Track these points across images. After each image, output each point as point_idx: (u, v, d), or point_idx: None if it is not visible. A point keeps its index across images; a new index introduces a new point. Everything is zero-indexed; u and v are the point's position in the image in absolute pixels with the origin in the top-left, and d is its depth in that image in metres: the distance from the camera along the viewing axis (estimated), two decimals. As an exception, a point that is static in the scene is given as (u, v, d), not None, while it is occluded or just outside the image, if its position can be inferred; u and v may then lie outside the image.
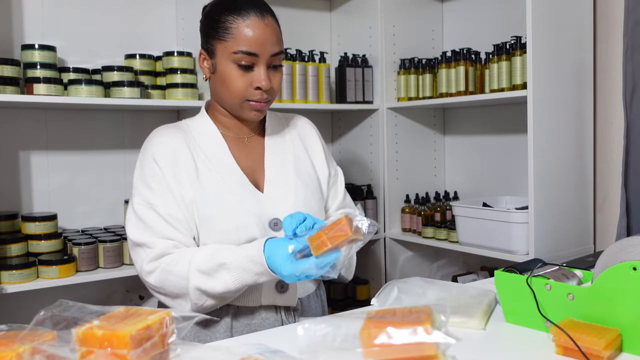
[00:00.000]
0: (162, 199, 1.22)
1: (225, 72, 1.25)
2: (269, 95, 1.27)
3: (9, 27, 2.10)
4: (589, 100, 2.16)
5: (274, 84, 1.27)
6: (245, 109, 1.27)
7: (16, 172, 2.13)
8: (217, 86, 1.29)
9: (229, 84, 1.25)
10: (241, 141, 1.35)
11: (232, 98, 1.26)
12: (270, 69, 1.26)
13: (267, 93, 1.26)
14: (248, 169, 1.31)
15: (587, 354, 0.93)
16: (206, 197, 1.23)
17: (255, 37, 1.22)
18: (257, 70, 1.24)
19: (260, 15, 1.23)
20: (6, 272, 1.84)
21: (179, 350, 0.81)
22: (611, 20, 2.14)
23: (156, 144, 1.28)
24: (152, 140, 1.30)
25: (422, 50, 2.68)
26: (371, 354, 0.85)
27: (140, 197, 1.24)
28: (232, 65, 1.24)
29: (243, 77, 1.24)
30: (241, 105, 1.27)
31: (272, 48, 1.24)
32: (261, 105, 1.26)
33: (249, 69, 1.24)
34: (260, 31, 1.22)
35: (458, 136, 2.74)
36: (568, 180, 2.09)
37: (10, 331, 0.80)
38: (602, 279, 1.01)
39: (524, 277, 1.12)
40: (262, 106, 1.26)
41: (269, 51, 1.24)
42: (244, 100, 1.25)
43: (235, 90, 1.24)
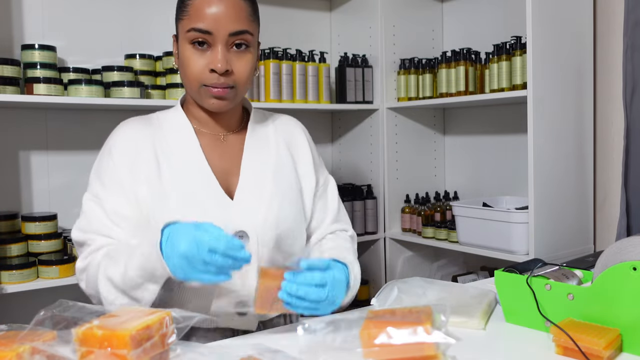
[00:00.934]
0: (111, 194, 1.13)
1: (182, 54, 1.14)
2: (229, 80, 1.12)
3: (9, 27, 2.10)
4: (589, 100, 2.16)
5: (236, 68, 1.12)
6: (203, 96, 1.13)
7: (16, 172, 2.13)
8: (180, 72, 1.17)
9: (185, 66, 1.13)
10: (216, 139, 1.22)
11: (190, 83, 1.14)
12: (232, 50, 1.12)
13: (225, 78, 1.11)
14: (220, 171, 1.18)
15: (587, 354, 0.93)
16: (165, 201, 1.11)
17: (210, 13, 1.09)
18: (213, 50, 1.11)
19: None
20: (6, 272, 1.84)
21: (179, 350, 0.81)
22: (611, 20, 2.14)
23: (117, 138, 1.19)
24: (114, 133, 1.21)
25: (422, 50, 2.68)
26: (371, 354, 0.85)
27: (90, 191, 1.16)
28: (187, 46, 1.12)
29: (199, 59, 1.11)
30: (199, 92, 1.13)
31: (230, 25, 1.10)
32: (219, 91, 1.11)
33: (204, 47, 1.11)
34: (215, 6, 1.09)
35: (458, 136, 2.74)
36: (568, 180, 2.09)
37: (10, 331, 0.80)
38: (602, 279, 1.01)
39: (524, 277, 1.12)
40: (221, 93, 1.12)
41: (227, 29, 1.10)
42: (200, 85, 1.12)
43: (191, 72, 1.12)
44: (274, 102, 2.37)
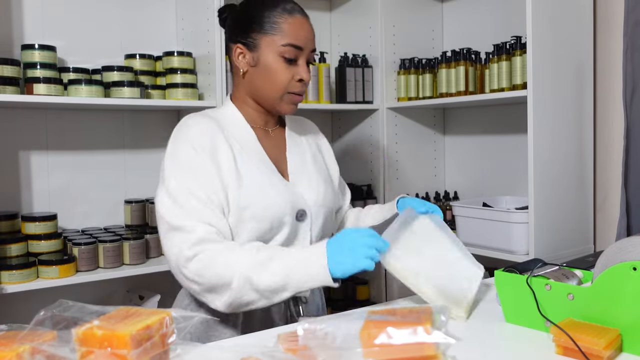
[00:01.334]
0: (200, 184, 1.22)
1: (270, 65, 1.31)
2: (305, 89, 1.35)
3: (9, 27, 2.10)
4: (589, 100, 2.16)
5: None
6: (284, 102, 1.33)
7: (16, 172, 2.13)
8: (257, 79, 1.33)
9: (274, 76, 1.31)
10: (266, 132, 1.40)
11: (275, 90, 1.32)
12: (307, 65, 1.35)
13: (304, 86, 1.34)
14: (274, 159, 1.35)
15: (587, 354, 0.93)
16: (245, 185, 1.26)
17: (302, 32, 1.31)
18: (300, 63, 1.32)
19: (303, 15, 1.35)
20: (6, 272, 1.84)
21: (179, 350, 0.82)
22: (611, 20, 2.14)
23: (193, 131, 1.28)
24: (187, 127, 1.30)
25: (422, 50, 2.68)
26: (371, 354, 0.85)
27: (177, 182, 1.23)
28: (277, 58, 1.30)
29: (287, 70, 1.31)
30: (282, 98, 1.33)
31: (312, 44, 1.34)
32: (300, 98, 1.34)
33: (293, 63, 1.31)
34: (306, 27, 1.33)
35: (458, 136, 2.74)
36: (568, 180, 2.09)
37: (10, 331, 0.80)
38: (602, 279, 1.01)
39: (524, 277, 1.12)
40: (300, 99, 1.35)
41: (310, 47, 1.34)
42: (285, 92, 1.32)
43: (280, 82, 1.31)
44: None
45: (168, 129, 2.42)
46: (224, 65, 2.17)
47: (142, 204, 2.26)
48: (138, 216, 2.24)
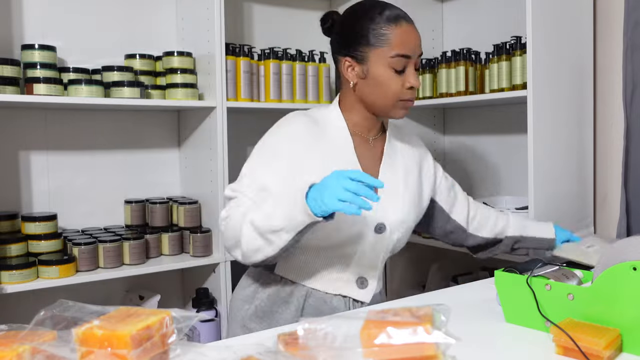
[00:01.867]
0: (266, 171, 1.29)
1: (380, 76, 1.34)
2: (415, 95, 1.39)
3: (9, 27, 2.10)
4: (589, 100, 2.16)
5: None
6: (397, 109, 1.36)
7: (16, 172, 2.13)
8: (367, 90, 1.36)
9: (386, 86, 1.33)
10: (366, 140, 1.42)
11: (387, 99, 1.34)
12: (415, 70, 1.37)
13: (415, 93, 1.38)
14: (365, 168, 1.38)
15: (587, 354, 0.93)
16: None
17: (409, 41, 1.35)
18: (409, 71, 1.35)
19: (408, 21, 1.38)
20: (6, 272, 1.84)
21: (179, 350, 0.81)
22: (611, 20, 2.13)
23: (291, 126, 1.35)
24: (289, 120, 1.37)
25: (422, 50, 2.67)
26: (371, 354, 0.85)
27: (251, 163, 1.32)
28: (387, 69, 1.33)
29: (397, 79, 1.33)
30: (394, 105, 1.35)
31: (419, 50, 1.37)
32: (411, 103, 1.37)
33: (402, 71, 1.34)
34: (413, 35, 1.36)
35: (458, 136, 2.73)
36: (568, 180, 2.09)
37: (10, 331, 0.80)
38: (602, 279, 1.01)
39: (524, 277, 1.12)
40: (412, 104, 1.38)
41: (418, 53, 1.36)
42: (398, 100, 1.35)
43: (392, 91, 1.33)
44: (274, 102, 2.37)
45: (168, 129, 2.44)
46: (224, 65, 2.17)
47: (142, 204, 2.26)
48: (138, 216, 2.24)
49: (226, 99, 2.18)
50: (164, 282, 2.21)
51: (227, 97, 2.19)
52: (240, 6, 2.57)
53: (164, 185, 2.39)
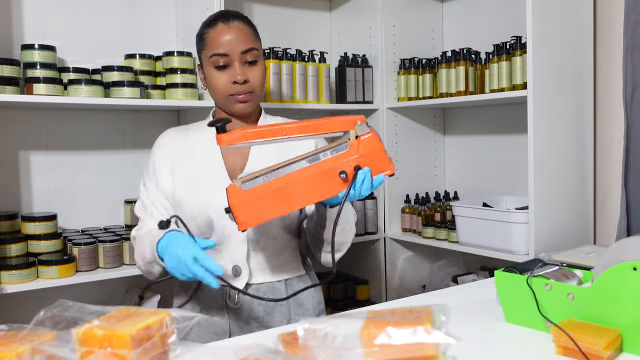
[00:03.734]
0: (151, 184, 1.49)
1: (209, 76, 1.45)
2: (248, 87, 1.43)
3: (9, 27, 2.10)
4: (589, 100, 2.16)
5: (251, 77, 1.43)
6: (231, 104, 1.45)
7: (16, 172, 2.13)
8: (209, 90, 1.48)
9: (213, 84, 1.44)
10: None
11: (219, 96, 1.45)
12: (245, 65, 1.43)
13: (245, 86, 1.42)
14: (230, 162, 1.47)
15: (587, 354, 0.93)
16: (180, 183, 1.45)
17: (223, 41, 1.42)
18: (232, 67, 1.42)
19: (225, 22, 1.43)
20: (6, 272, 1.84)
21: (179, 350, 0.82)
22: (611, 20, 2.14)
23: (159, 139, 1.54)
24: (160, 136, 1.55)
25: (422, 50, 2.68)
26: (371, 354, 0.85)
27: (142, 179, 1.53)
28: (212, 69, 1.44)
29: (222, 76, 1.43)
30: (227, 101, 1.44)
31: (240, 46, 1.42)
32: (243, 97, 1.43)
33: (225, 69, 1.42)
34: (226, 34, 1.42)
35: (458, 136, 2.74)
36: (568, 180, 2.09)
37: (10, 331, 0.80)
38: (602, 279, 1.01)
39: (524, 277, 1.12)
40: (245, 97, 1.43)
41: (238, 49, 1.42)
42: (227, 95, 1.43)
43: (219, 88, 1.43)
44: (274, 102, 2.37)
45: (168, 129, 2.43)
46: (224, 65, 2.17)
47: (142, 204, 2.26)
48: (138, 216, 2.24)
49: (226, 99, 2.18)
50: (164, 282, 2.20)
51: (227, 97, 2.18)
52: (240, 6, 2.57)
53: (164, 185, 2.38)
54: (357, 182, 1.16)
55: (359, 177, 1.16)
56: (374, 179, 1.17)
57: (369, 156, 1.16)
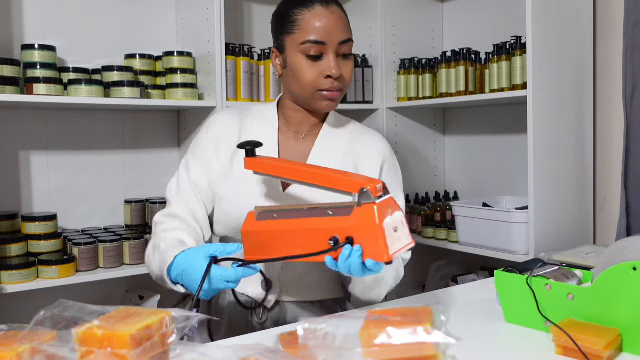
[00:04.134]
0: (197, 166, 1.32)
1: (295, 65, 1.26)
2: (340, 83, 1.27)
3: (9, 27, 2.10)
4: (589, 100, 2.16)
5: (344, 72, 1.27)
6: (317, 100, 1.28)
7: (16, 172, 2.13)
8: (288, 80, 1.30)
9: (300, 75, 1.26)
10: (297, 137, 1.36)
11: (304, 89, 1.27)
12: (339, 57, 1.27)
13: (338, 81, 1.26)
14: None
15: (587, 354, 0.93)
16: (228, 179, 1.30)
17: (322, 26, 1.24)
18: (326, 58, 1.25)
19: (325, 4, 1.26)
20: (6, 272, 1.84)
21: (179, 350, 0.81)
22: (611, 20, 2.14)
23: (215, 120, 1.37)
24: (214, 115, 1.40)
25: (422, 50, 2.68)
26: (371, 354, 0.85)
27: (185, 159, 1.36)
28: (301, 57, 1.25)
29: (313, 67, 1.25)
30: (313, 96, 1.27)
31: (339, 35, 1.26)
32: (333, 94, 1.27)
33: (318, 59, 1.25)
34: (326, 20, 1.25)
35: (458, 136, 2.73)
36: (568, 180, 2.09)
37: (10, 331, 0.80)
38: (602, 279, 1.01)
39: (524, 277, 1.12)
40: (334, 95, 1.27)
41: (337, 38, 1.25)
42: (315, 90, 1.26)
43: (307, 80, 1.25)
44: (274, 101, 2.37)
45: (168, 129, 2.44)
46: (224, 65, 2.17)
47: (142, 204, 2.26)
48: (138, 216, 2.24)
49: (226, 99, 2.18)
50: (164, 282, 2.20)
51: (227, 97, 2.19)
52: (240, 6, 2.57)
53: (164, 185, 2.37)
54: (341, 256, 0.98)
55: (343, 251, 0.98)
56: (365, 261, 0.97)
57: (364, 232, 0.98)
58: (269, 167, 1.15)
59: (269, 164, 1.15)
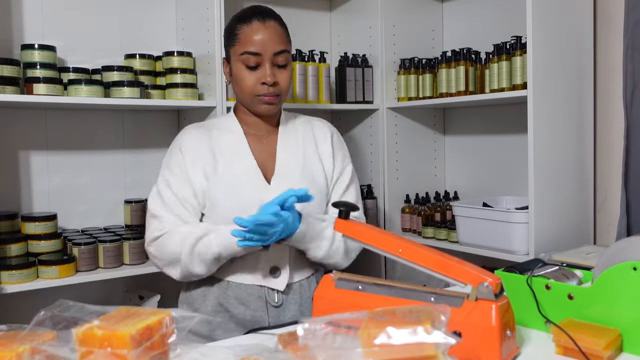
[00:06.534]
0: (179, 182, 1.44)
1: (237, 73, 1.46)
2: (275, 90, 1.45)
3: (9, 27, 2.10)
4: (589, 100, 2.16)
5: (280, 80, 1.45)
6: (256, 104, 1.46)
7: (16, 172, 2.13)
8: (234, 87, 1.49)
9: (241, 82, 1.45)
10: (260, 138, 1.53)
11: (245, 95, 1.46)
12: (275, 67, 1.44)
13: (273, 88, 1.44)
14: (261, 164, 1.48)
15: (587, 354, 0.93)
16: (217, 183, 1.43)
17: (258, 39, 1.42)
18: (263, 68, 1.43)
19: (261, 20, 1.43)
20: (6, 272, 1.84)
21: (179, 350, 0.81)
22: (611, 20, 2.14)
23: (184, 138, 1.50)
24: (182, 135, 1.52)
25: (422, 50, 2.68)
26: (371, 354, 0.85)
27: (163, 178, 1.47)
28: (241, 66, 1.44)
29: (251, 75, 1.43)
30: (252, 101, 1.46)
31: (274, 47, 1.43)
32: (270, 99, 1.44)
33: (256, 68, 1.43)
34: (261, 33, 1.42)
35: (458, 136, 2.73)
36: (568, 180, 2.09)
37: (10, 331, 0.80)
38: (602, 279, 1.01)
39: (524, 277, 1.12)
40: (271, 100, 1.45)
41: (271, 50, 1.42)
42: (254, 95, 1.45)
43: (246, 87, 1.44)
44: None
45: (168, 129, 2.44)
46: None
47: (142, 204, 2.26)
48: (138, 216, 2.24)
49: (226, 99, 2.18)
50: (163, 282, 2.20)
51: (227, 97, 2.19)
52: (240, 6, 2.57)
53: (164, 185, 2.38)
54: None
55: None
56: None
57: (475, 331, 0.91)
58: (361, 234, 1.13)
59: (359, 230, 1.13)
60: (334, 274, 1.15)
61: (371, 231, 1.12)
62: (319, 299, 1.11)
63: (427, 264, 1.03)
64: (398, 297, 1.03)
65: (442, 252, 1.08)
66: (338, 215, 1.16)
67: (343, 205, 1.16)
